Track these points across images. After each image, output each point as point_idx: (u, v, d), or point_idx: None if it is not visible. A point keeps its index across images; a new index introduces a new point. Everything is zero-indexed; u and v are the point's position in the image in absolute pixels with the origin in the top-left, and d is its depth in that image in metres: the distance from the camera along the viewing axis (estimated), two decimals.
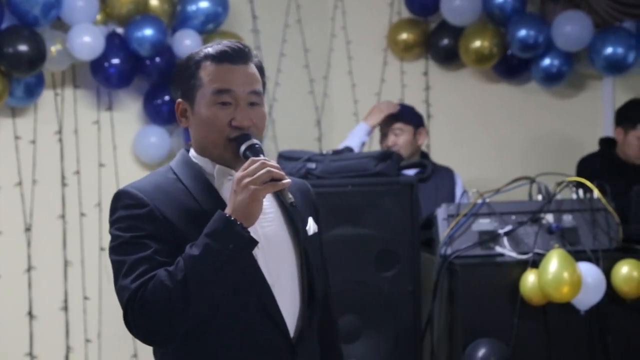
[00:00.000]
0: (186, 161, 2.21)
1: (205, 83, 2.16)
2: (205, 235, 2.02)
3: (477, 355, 3.68)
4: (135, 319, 2.03)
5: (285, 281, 2.17)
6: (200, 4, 4.90)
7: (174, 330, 2.04)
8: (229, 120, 2.14)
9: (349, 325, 3.75)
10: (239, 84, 2.15)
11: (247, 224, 2.04)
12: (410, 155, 4.69)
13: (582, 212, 3.93)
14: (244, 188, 2.03)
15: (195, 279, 2.00)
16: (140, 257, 2.05)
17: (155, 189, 2.14)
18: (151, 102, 4.94)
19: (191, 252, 2.02)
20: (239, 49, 2.18)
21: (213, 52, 2.17)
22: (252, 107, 2.17)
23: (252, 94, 2.17)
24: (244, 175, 2.04)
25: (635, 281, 3.79)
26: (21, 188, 4.84)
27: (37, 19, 4.56)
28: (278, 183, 2.05)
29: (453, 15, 5.25)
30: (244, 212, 2.03)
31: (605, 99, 5.44)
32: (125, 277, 2.05)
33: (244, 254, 2.05)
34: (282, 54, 5.29)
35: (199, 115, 2.16)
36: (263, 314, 2.13)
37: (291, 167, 3.87)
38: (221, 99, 2.14)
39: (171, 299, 1.99)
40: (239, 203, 2.03)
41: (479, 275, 3.77)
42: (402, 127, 4.73)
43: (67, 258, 4.91)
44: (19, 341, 4.82)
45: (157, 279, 2.01)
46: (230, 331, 2.11)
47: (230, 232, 2.02)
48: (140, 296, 2.01)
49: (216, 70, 2.16)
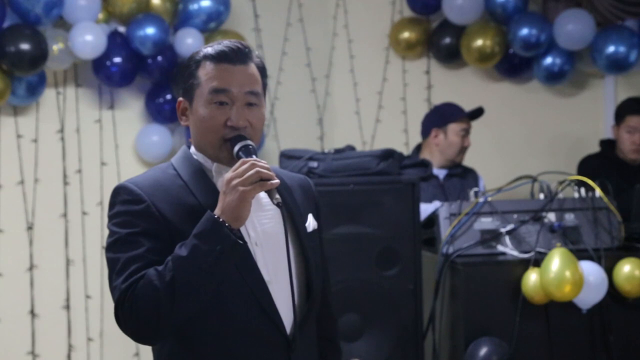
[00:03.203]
0: (187, 157, 2.22)
1: (203, 82, 2.17)
2: (194, 236, 2.04)
3: (478, 353, 3.68)
4: (124, 318, 2.06)
5: (283, 278, 2.17)
6: (202, 2, 4.90)
7: (162, 329, 2.05)
8: (224, 120, 2.14)
9: (350, 324, 3.75)
10: (236, 84, 2.16)
11: (236, 224, 2.05)
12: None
13: (584, 211, 3.93)
14: (232, 189, 2.04)
15: (183, 279, 2.01)
16: (133, 256, 2.07)
17: (154, 185, 2.15)
18: (153, 100, 4.94)
19: (179, 253, 2.03)
20: (239, 49, 2.18)
21: (212, 51, 2.18)
22: (249, 108, 2.17)
23: (249, 94, 2.17)
24: (233, 177, 2.05)
25: (637, 280, 3.78)
26: (23, 187, 4.84)
27: (39, 17, 4.57)
28: (267, 183, 2.06)
29: (455, 14, 5.25)
30: (232, 213, 2.04)
31: (607, 97, 5.44)
32: (118, 275, 2.07)
33: (232, 256, 2.06)
34: (284, 53, 5.29)
35: (197, 114, 2.17)
36: (259, 310, 2.13)
37: (293, 166, 3.87)
38: (218, 99, 2.15)
39: (159, 299, 2.01)
40: (227, 204, 2.04)
41: (480, 274, 3.77)
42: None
43: (69, 256, 4.91)
44: (21, 339, 4.83)
45: (146, 278, 2.03)
46: (226, 327, 2.12)
47: (217, 233, 2.03)
48: (129, 296, 2.04)
49: (214, 70, 2.16)
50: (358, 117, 5.38)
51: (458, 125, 4.74)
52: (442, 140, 4.73)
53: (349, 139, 4.90)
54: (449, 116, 4.74)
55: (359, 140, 5.34)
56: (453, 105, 4.81)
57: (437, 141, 4.74)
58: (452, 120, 4.73)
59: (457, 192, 4.57)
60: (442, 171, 4.75)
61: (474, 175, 4.83)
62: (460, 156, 4.78)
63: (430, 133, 4.76)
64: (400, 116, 5.44)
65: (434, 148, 4.76)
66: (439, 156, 4.75)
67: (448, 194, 4.52)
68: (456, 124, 4.73)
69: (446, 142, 4.73)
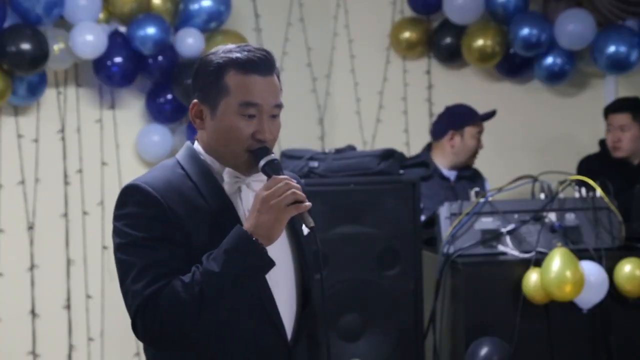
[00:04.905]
0: (193, 156, 2.19)
1: (232, 92, 2.12)
2: (225, 252, 2.02)
3: (479, 353, 3.68)
4: (145, 326, 2.03)
5: (283, 283, 2.17)
6: (202, 2, 4.89)
7: (184, 339, 2.04)
8: (251, 132, 2.12)
9: (351, 324, 3.75)
10: (266, 97, 2.13)
11: (267, 244, 2.04)
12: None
13: (584, 211, 3.93)
14: (270, 209, 2.03)
15: (212, 293, 2.00)
16: (153, 262, 2.04)
17: (167, 187, 2.11)
18: (154, 100, 4.94)
19: (209, 267, 2.01)
20: (266, 58, 2.15)
21: (241, 59, 2.13)
22: (273, 119, 2.16)
23: (275, 107, 2.15)
24: (270, 196, 2.04)
25: (638, 280, 3.78)
26: (24, 186, 4.84)
27: (39, 17, 4.57)
28: (301, 205, 2.06)
29: (455, 14, 5.25)
30: (267, 233, 2.03)
31: (607, 97, 5.43)
32: (136, 281, 2.03)
33: (262, 274, 2.06)
34: (285, 53, 5.29)
35: (221, 123, 2.13)
36: (264, 317, 2.13)
37: (294, 166, 3.87)
38: (248, 112, 2.12)
39: (185, 311, 2.00)
40: (262, 223, 2.03)
41: (481, 273, 3.77)
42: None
43: (70, 256, 4.91)
44: (22, 339, 4.83)
45: (171, 288, 2.01)
46: (229, 334, 2.11)
47: (252, 252, 2.02)
48: (152, 304, 2.01)
49: (244, 81, 2.12)
50: (359, 117, 5.37)
51: (474, 128, 4.75)
52: (458, 142, 4.73)
53: (350, 139, 4.90)
54: (466, 119, 4.74)
55: (359, 140, 5.33)
56: (468, 108, 4.80)
57: (452, 143, 4.73)
58: (469, 123, 4.73)
59: (467, 194, 4.58)
60: (452, 173, 4.75)
61: (481, 177, 4.83)
62: (472, 159, 4.79)
63: (445, 135, 4.75)
64: (400, 116, 5.44)
65: (447, 150, 4.74)
66: (451, 158, 4.74)
67: (459, 196, 4.51)
68: (472, 127, 4.74)
69: (462, 144, 4.73)
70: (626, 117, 4.84)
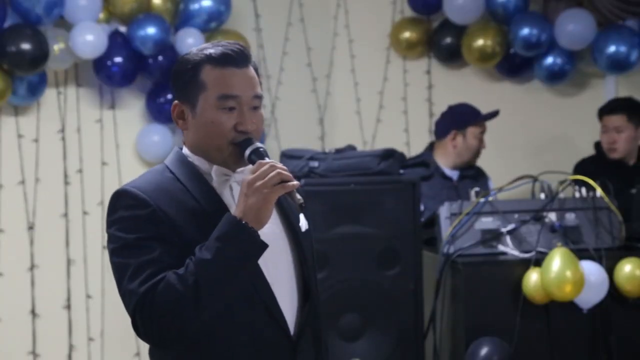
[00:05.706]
0: (181, 160, 2.20)
1: (209, 87, 2.13)
2: (217, 239, 2.02)
3: (479, 353, 3.68)
4: (144, 324, 2.02)
5: (283, 279, 2.17)
6: (202, 2, 4.90)
7: (184, 334, 2.04)
8: (233, 125, 2.13)
9: (351, 324, 3.75)
10: (244, 89, 2.14)
11: (258, 227, 2.04)
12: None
13: (584, 211, 3.93)
14: (255, 191, 2.03)
15: (207, 282, 2.00)
16: (146, 260, 2.04)
17: (157, 189, 2.12)
18: (154, 100, 4.94)
19: (202, 256, 2.01)
20: (240, 51, 2.16)
21: (215, 54, 2.15)
22: (254, 111, 2.16)
23: (255, 98, 2.16)
24: (255, 179, 2.04)
25: (638, 280, 3.78)
26: (24, 186, 4.84)
27: (39, 17, 4.57)
28: (288, 184, 2.05)
29: (456, 14, 5.25)
30: (255, 216, 2.03)
31: (607, 97, 5.42)
32: (132, 280, 2.03)
33: (255, 258, 2.06)
34: (285, 53, 5.29)
35: (202, 119, 2.14)
36: (264, 312, 2.12)
37: (294, 166, 3.87)
38: (227, 104, 2.13)
39: (182, 303, 1.99)
40: (250, 206, 2.03)
41: (481, 273, 3.77)
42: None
43: (70, 256, 4.91)
44: (22, 339, 4.83)
45: (166, 282, 2.00)
46: (232, 330, 2.11)
47: (242, 236, 2.02)
48: (149, 300, 2.00)
49: (220, 75, 2.14)
50: (359, 117, 5.37)
51: (477, 128, 4.74)
52: (461, 142, 4.72)
53: (350, 139, 4.90)
54: (469, 119, 4.73)
55: (359, 140, 5.33)
56: (471, 107, 4.79)
57: (455, 143, 4.72)
58: (472, 123, 4.73)
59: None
60: (455, 172, 4.75)
61: (484, 175, 4.83)
62: (475, 158, 4.78)
63: (448, 134, 4.74)
64: (401, 116, 5.44)
65: (450, 149, 4.74)
66: (454, 157, 4.73)
67: (462, 195, 4.50)
68: (475, 127, 4.73)
69: (464, 144, 4.72)
70: (621, 118, 4.83)
